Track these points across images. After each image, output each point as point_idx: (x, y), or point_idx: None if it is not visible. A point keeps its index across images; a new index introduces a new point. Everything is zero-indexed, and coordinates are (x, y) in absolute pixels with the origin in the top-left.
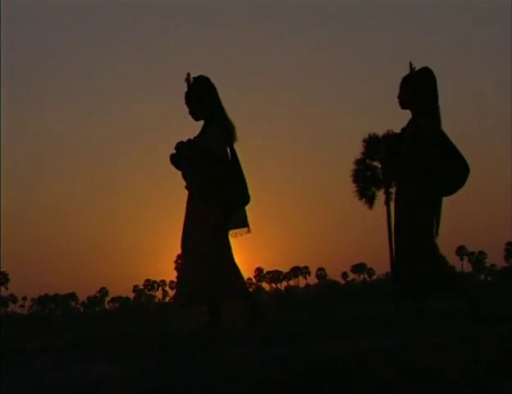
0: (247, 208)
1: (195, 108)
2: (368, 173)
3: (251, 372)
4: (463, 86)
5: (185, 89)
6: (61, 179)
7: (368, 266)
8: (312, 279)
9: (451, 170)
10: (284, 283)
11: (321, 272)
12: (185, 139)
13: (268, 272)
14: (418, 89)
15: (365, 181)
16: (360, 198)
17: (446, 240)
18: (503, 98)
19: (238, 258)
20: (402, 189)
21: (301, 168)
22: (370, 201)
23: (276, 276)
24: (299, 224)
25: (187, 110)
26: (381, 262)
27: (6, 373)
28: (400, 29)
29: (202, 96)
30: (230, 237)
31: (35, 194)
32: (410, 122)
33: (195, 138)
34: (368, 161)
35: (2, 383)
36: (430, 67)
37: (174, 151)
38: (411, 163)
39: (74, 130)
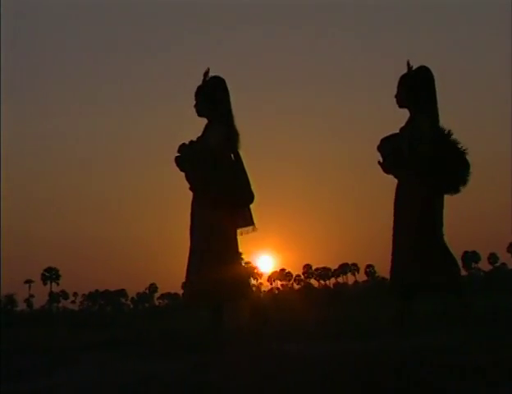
0: (255, 206)
1: (200, 105)
2: None
3: (303, 368)
4: (462, 85)
5: (200, 84)
6: (110, 176)
7: None
8: (360, 276)
9: (452, 168)
10: (332, 280)
11: (370, 269)
12: (187, 142)
13: (317, 269)
14: (416, 87)
15: None
16: None
17: (497, 236)
18: (503, 98)
19: (287, 255)
20: (401, 188)
21: (350, 165)
22: None
23: (324, 272)
24: (347, 221)
25: (194, 103)
26: None
27: (58, 371)
28: (399, 28)
29: (211, 95)
30: (237, 237)
31: (86, 192)
32: (408, 121)
33: (198, 139)
34: None
35: (54, 380)
36: (427, 66)
37: (177, 154)
38: (412, 163)
39: (123, 129)
